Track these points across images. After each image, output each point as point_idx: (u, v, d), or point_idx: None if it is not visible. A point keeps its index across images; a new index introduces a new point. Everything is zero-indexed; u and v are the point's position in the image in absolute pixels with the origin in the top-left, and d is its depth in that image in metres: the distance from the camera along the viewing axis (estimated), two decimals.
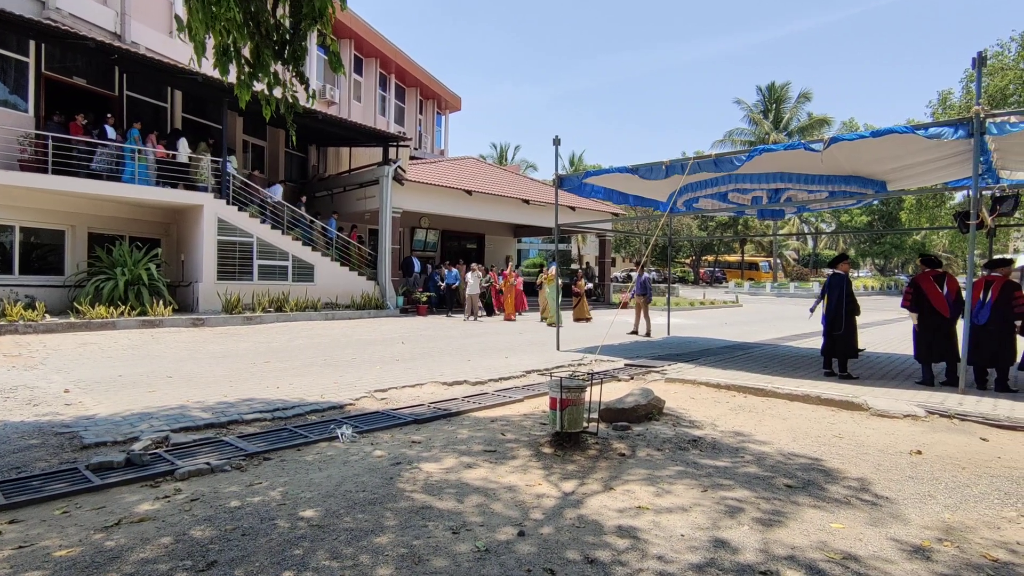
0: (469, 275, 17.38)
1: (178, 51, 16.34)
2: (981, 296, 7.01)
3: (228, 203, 15.26)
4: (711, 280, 49.12)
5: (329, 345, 10.95)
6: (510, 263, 22.04)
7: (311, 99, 5.18)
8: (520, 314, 18.70)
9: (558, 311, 13.58)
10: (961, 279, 7.43)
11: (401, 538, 3.09)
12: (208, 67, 12.11)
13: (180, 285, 15.46)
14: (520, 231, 28.78)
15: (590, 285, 23.95)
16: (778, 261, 50.87)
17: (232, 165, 16.90)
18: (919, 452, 4.78)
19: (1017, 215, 19.09)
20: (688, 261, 53.87)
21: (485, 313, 18.35)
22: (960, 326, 7.01)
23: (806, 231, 48.34)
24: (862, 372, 8.18)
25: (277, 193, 17.99)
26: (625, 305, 16.16)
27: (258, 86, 4.76)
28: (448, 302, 19.50)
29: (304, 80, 5.06)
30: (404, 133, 24.40)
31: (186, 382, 7.17)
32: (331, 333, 12.94)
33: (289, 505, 3.50)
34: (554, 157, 10.42)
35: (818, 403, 6.58)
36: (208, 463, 4.13)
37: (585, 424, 4.84)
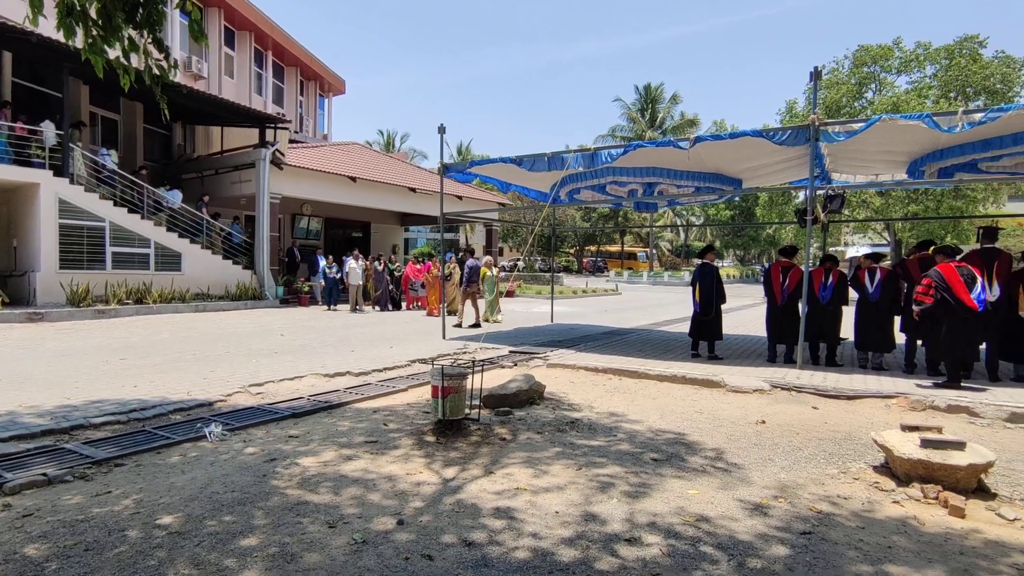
0: (353, 263, 16.78)
1: (9, 7, 14.16)
2: (823, 282, 7.97)
3: (72, 182, 13.56)
4: (593, 269, 51.32)
5: (199, 339, 10.14)
6: (423, 254, 21.42)
7: (172, 70, 4.75)
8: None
9: (497, 303, 13.50)
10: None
11: (272, 537, 2.96)
12: (49, 28, 10.53)
13: (12, 275, 13.55)
14: (407, 219, 28.31)
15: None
16: (654, 251, 54.30)
17: (112, 159, 15.23)
18: (763, 422, 5.37)
19: (846, 212, 21.89)
20: (572, 251, 55.93)
21: (391, 307, 17.42)
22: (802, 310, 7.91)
23: (678, 223, 51.97)
24: (723, 352, 8.99)
25: (177, 198, 16.52)
26: (511, 293, 16.44)
27: (113, 53, 4.26)
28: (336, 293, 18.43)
29: (163, 48, 4.62)
30: (283, 115, 23.02)
31: (18, 385, 6.31)
32: (201, 326, 11.99)
33: (144, 513, 3.23)
34: (439, 145, 10.36)
35: (684, 383, 7.15)
36: (45, 474, 3.69)
37: (468, 411, 4.91)
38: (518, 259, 38.03)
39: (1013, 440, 4.95)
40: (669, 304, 21.29)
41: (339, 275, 17.16)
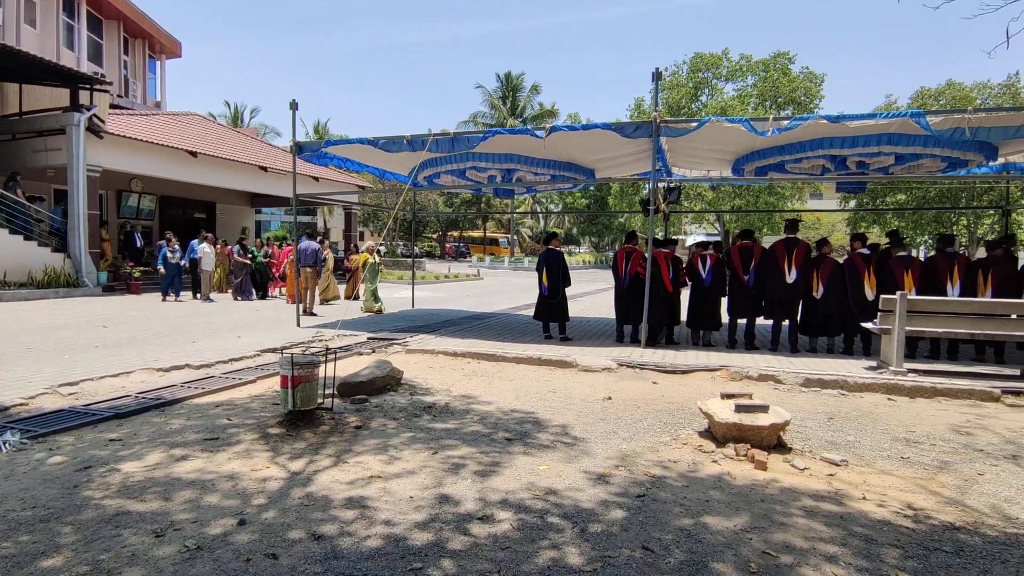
0: (206, 247, 15.19)
1: None
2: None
3: None
4: (456, 255, 51.46)
5: None
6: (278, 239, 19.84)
7: None
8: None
9: (376, 293, 12.72)
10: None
11: (83, 555, 2.62)
12: None
13: None
14: (258, 200, 26.31)
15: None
16: (515, 237, 55.76)
17: None
18: (609, 398, 5.78)
19: (684, 203, 24.21)
20: (435, 236, 55.66)
21: (258, 295, 15.88)
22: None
23: (538, 210, 53.82)
24: (576, 334, 9.50)
25: None
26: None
27: None
28: (173, 281, 16.38)
29: None
30: (102, 75, 20.09)
31: None
32: None
33: None
34: (292, 122, 9.73)
35: (540, 364, 7.46)
36: None
37: (320, 400, 4.71)
38: (379, 243, 37.01)
39: (806, 401, 5.83)
40: (529, 288, 21.99)
41: (182, 261, 15.42)
